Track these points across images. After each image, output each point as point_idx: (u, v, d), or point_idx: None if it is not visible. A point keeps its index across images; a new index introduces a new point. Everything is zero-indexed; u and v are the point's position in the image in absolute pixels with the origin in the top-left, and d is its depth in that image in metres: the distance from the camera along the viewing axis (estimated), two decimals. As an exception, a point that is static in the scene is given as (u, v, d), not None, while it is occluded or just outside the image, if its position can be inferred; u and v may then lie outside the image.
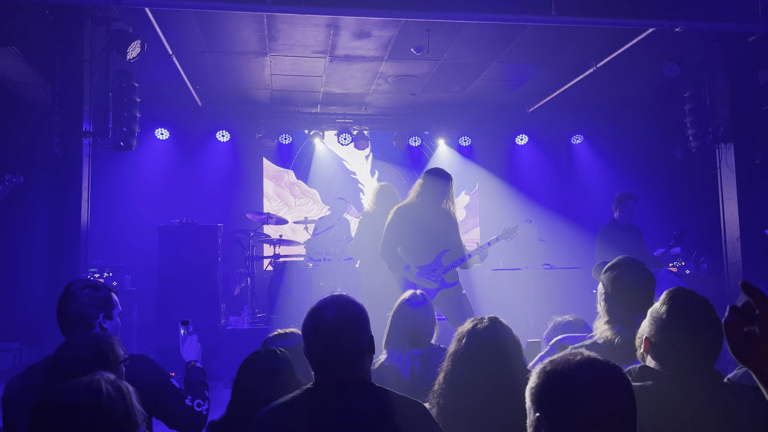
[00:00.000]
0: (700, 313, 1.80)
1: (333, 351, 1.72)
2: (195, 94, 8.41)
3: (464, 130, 10.07)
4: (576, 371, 1.28)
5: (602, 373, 1.28)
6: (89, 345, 2.08)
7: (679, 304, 1.82)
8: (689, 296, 1.86)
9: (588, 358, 1.30)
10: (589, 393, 1.24)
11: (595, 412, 1.23)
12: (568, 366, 1.29)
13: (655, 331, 1.83)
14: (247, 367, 2.16)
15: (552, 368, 1.31)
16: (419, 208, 4.82)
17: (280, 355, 2.16)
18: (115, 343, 2.16)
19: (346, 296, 1.81)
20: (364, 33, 6.63)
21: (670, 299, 1.84)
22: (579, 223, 8.94)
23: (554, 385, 1.29)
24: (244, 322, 7.49)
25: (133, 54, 5.96)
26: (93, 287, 2.67)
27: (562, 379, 1.28)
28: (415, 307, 2.98)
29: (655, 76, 7.24)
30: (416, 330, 2.92)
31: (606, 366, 1.30)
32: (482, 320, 2.20)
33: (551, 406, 1.27)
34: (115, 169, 8.42)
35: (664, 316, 1.81)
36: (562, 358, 1.32)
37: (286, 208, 9.99)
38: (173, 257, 7.05)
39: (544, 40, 6.89)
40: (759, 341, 1.08)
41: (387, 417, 1.66)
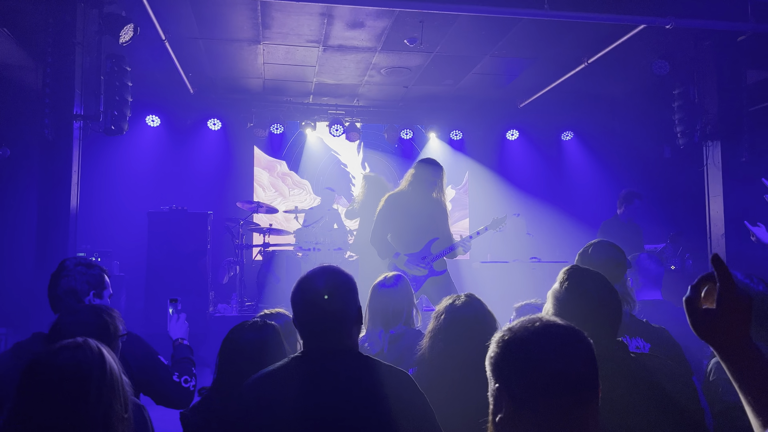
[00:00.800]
0: (596, 286, 1.87)
1: (321, 320, 1.75)
2: (187, 81, 8.38)
3: (456, 124, 10.11)
4: (533, 337, 1.23)
5: (561, 337, 1.23)
6: (93, 313, 2.10)
7: (576, 279, 1.89)
8: (584, 272, 1.93)
9: (546, 324, 1.25)
10: (546, 358, 1.20)
11: (554, 377, 1.18)
12: (526, 332, 1.24)
13: (556, 310, 1.88)
14: (232, 338, 2.16)
15: (510, 336, 1.26)
16: (410, 197, 4.88)
17: (265, 325, 2.17)
18: (117, 316, 2.18)
19: (335, 267, 1.84)
20: (357, 23, 6.64)
21: (567, 276, 1.91)
22: (567, 218, 9.03)
23: (512, 353, 1.23)
24: (232, 310, 7.51)
25: (125, 38, 5.94)
26: (87, 265, 2.69)
27: (519, 346, 1.23)
28: (383, 288, 3.03)
29: (646, 73, 7.31)
30: (386, 310, 2.96)
31: (565, 330, 1.25)
32: (459, 297, 2.27)
33: (510, 374, 1.22)
34: (105, 154, 8.39)
35: (563, 292, 1.88)
36: (520, 325, 1.27)
37: (280, 198, 10.00)
38: (162, 244, 7.04)
39: (536, 35, 6.93)
40: (717, 317, 1.08)
41: (374, 385, 1.69)
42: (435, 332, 2.22)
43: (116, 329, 2.13)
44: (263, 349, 2.08)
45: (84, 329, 1.99)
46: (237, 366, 2.07)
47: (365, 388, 1.69)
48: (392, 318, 2.98)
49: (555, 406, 1.18)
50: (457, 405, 1.98)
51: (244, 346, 2.11)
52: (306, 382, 1.70)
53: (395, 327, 2.91)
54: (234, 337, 2.16)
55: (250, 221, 8.19)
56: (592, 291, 1.85)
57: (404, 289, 3.09)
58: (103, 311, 2.13)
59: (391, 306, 2.99)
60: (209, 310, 7.21)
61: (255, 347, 2.09)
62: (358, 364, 1.76)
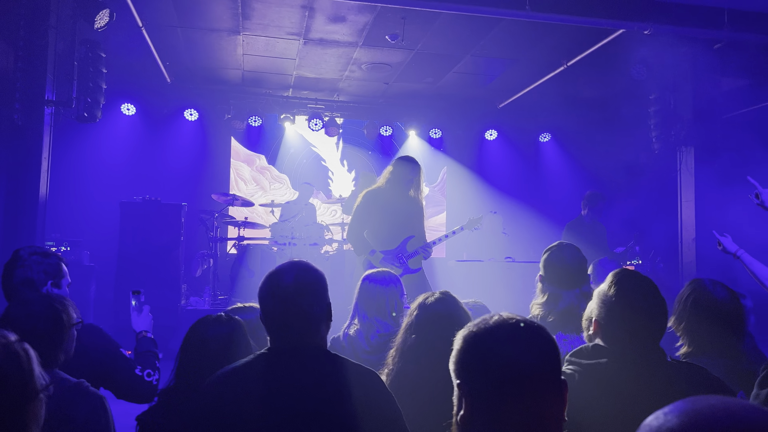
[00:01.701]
0: (646, 294, 1.84)
1: (289, 316, 1.71)
2: (164, 69, 8.24)
3: (435, 123, 10.12)
4: (491, 331, 1.23)
5: (518, 331, 1.22)
6: (44, 304, 2.03)
7: (627, 285, 1.86)
8: (635, 277, 1.90)
9: (504, 319, 1.25)
10: (500, 350, 1.19)
11: (511, 370, 1.17)
12: (484, 327, 1.24)
13: (603, 313, 1.87)
14: (194, 332, 2.10)
15: (469, 331, 1.26)
16: (388, 194, 4.88)
17: (228, 319, 2.12)
18: (69, 305, 2.11)
19: (305, 262, 1.80)
20: (339, 17, 6.60)
21: (617, 281, 1.87)
22: (543, 219, 9.10)
23: (470, 348, 1.23)
24: (204, 303, 7.42)
25: (100, 23, 5.79)
26: (42, 254, 2.60)
27: (479, 341, 1.23)
28: (373, 283, 3.02)
29: (624, 78, 7.38)
30: (381, 305, 2.94)
31: (522, 324, 1.24)
32: (433, 294, 2.26)
33: (468, 369, 1.22)
34: (77, 141, 8.22)
35: (613, 298, 1.85)
36: (480, 321, 1.27)
37: (261, 191, 9.92)
38: (134, 234, 6.92)
39: (517, 36, 6.95)
40: None
41: (341, 384, 1.66)
42: (407, 327, 2.21)
43: (69, 318, 2.06)
44: (228, 344, 2.03)
45: (33, 320, 1.93)
46: (200, 362, 2.01)
47: (332, 386, 1.66)
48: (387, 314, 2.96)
49: (512, 399, 1.17)
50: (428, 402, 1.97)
51: (207, 341, 2.05)
52: (271, 379, 1.66)
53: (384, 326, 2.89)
54: (197, 331, 2.10)
55: (225, 214, 8.09)
56: (640, 297, 1.84)
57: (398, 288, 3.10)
58: (55, 301, 2.06)
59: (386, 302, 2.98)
60: (181, 303, 7.11)
61: (219, 342, 2.03)
62: (325, 361, 1.73)
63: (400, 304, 3.05)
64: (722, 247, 3.36)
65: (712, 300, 2.46)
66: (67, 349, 2.06)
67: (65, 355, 2.05)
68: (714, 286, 2.51)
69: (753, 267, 3.17)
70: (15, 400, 1.22)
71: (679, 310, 2.54)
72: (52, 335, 1.98)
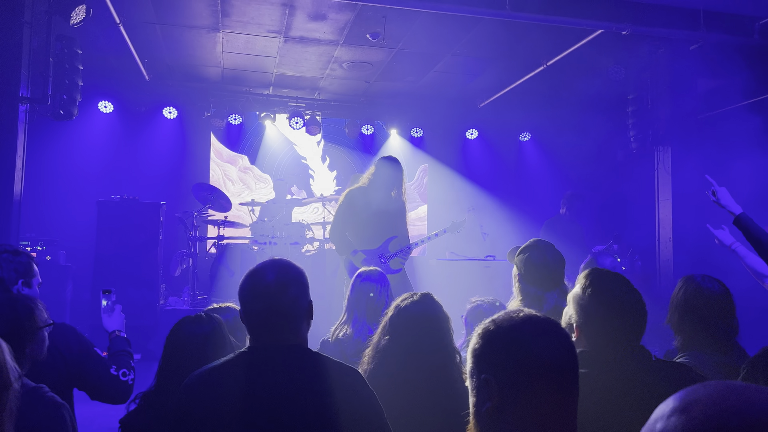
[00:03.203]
0: (622, 290, 1.83)
1: (270, 314, 1.70)
2: (142, 67, 8.13)
3: (416, 122, 10.13)
4: (519, 326, 1.26)
5: (546, 327, 1.28)
6: (8, 306, 1.99)
7: (600, 284, 1.84)
8: (609, 275, 1.88)
9: (530, 315, 1.30)
10: (534, 345, 1.23)
11: (544, 364, 1.22)
12: (513, 323, 1.27)
13: (581, 316, 1.85)
14: (175, 332, 2.09)
15: (496, 327, 1.28)
16: (370, 193, 4.90)
17: (208, 318, 2.11)
18: (38, 306, 2.06)
19: (285, 260, 1.79)
20: (320, 15, 6.57)
21: (591, 282, 1.86)
22: (523, 217, 9.17)
23: (502, 343, 1.26)
24: (183, 303, 7.35)
25: (77, 19, 5.71)
26: (13, 252, 2.55)
27: (509, 336, 1.26)
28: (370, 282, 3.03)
29: (602, 78, 7.46)
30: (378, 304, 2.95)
31: (548, 320, 1.29)
32: (414, 295, 2.26)
33: (497, 363, 1.25)
34: (53, 139, 8.09)
35: (589, 298, 1.83)
36: (504, 316, 1.30)
37: (247, 191, 9.85)
38: (112, 234, 6.83)
39: (497, 36, 6.98)
40: None
41: (322, 382, 1.65)
42: (382, 328, 2.21)
43: (34, 321, 2.01)
44: (207, 343, 2.02)
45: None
46: (182, 362, 2.00)
47: (313, 385, 1.65)
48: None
49: (543, 390, 1.22)
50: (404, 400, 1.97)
51: (187, 341, 2.04)
52: (252, 377, 1.65)
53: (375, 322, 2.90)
54: (177, 332, 2.09)
55: (204, 213, 8.02)
56: (617, 295, 1.82)
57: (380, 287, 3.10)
58: (19, 304, 2.01)
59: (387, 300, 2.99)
60: (160, 303, 7.04)
61: (198, 342, 2.02)
62: (306, 360, 1.72)
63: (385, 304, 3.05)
64: (719, 240, 3.42)
65: (703, 294, 2.51)
66: (35, 351, 2.02)
67: (32, 358, 2.01)
68: (704, 280, 2.57)
69: (748, 260, 3.23)
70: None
71: (673, 307, 2.58)
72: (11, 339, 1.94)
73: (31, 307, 2.03)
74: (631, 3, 5.95)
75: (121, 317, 2.76)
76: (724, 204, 3.24)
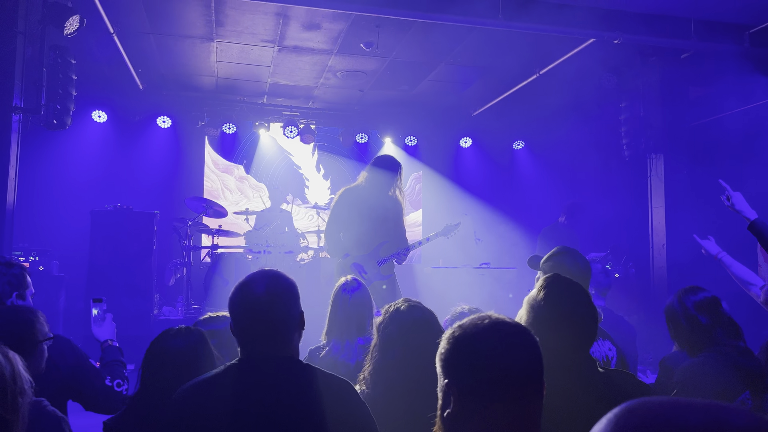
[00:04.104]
0: (576, 300, 1.82)
1: (261, 325, 1.69)
2: (136, 76, 8.14)
3: (410, 130, 10.16)
4: (481, 332, 1.27)
5: (508, 333, 1.27)
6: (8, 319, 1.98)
7: (556, 291, 1.83)
8: (566, 283, 1.87)
9: (495, 321, 1.29)
10: (493, 352, 1.23)
11: (500, 370, 1.22)
12: (476, 329, 1.28)
13: (531, 318, 1.83)
14: (158, 345, 2.06)
15: (460, 332, 1.29)
16: (366, 193, 4.79)
17: (193, 331, 2.09)
18: (38, 320, 2.05)
19: (276, 271, 1.78)
20: (314, 24, 6.59)
21: (546, 286, 1.85)
22: (518, 225, 9.18)
23: (461, 348, 1.27)
24: (177, 313, 7.32)
25: (70, 29, 5.71)
26: (6, 264, 2.54)
27: (471, 342, 1.26)
28: (352, 293, 2.98)
29: (595, 86, 7.51)
30: (359, 317, 2.91)
31: (511, 327, 1.29)
32: (402, 303, 2.23)
33: (458, 368, 1.26)
34: (47, 149, 8.07)
35: (542, 302, 1.82)
36: (470, 321, 1.31)
37: (244, 200, 9.84)
38: (106, 243, 6.80)
39: (490, 45, 7.02)
40: None
41: (314, 394, 1.65)
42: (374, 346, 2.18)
43: (36, 335, 2.00)
44: (190, 356, 2.00)
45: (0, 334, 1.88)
46: (163, 374, 1.98)
47: (305, 397, 1.64)
48: (368, 326, 2.90)
49: (501, 398, 1.21)
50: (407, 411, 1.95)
51: (170, 354, 2.01)
52: (242, 390, 1.64)
53: (365, 335, 2.85)
54: (159, 344, 2.06)
55: (198, 222, 8.00)
56: (570, 304, 1.81)
57: (368, 292, 3.06)
58: (21, 316, 2.00)
59: (363, 312, 2.94)
60: (153, 313, 7.01)
61: (181, 354, 2.00)
62: (297, 372, 1.71)
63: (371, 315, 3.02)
64: (705, 250, 3.43)
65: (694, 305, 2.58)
66: (33, 365, 2.01)
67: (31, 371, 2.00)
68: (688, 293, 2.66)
69: (734, 269, 3.24)
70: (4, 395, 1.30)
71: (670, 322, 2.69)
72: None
73: (32, 320, 2.02)
74: (622, 12, 6.00)
75: (112, 326, 2.75)
76: (739, 209, 3.23)
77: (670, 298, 2.76)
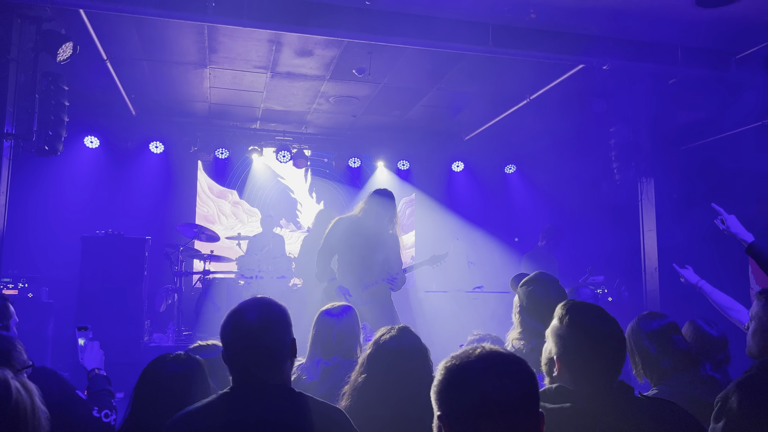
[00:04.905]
0: (599, 319, 1.82)
1: (253, 353, 1.68)
2: (129, 102, 8.17)
3: (403, 154, 10.22)
4: (473, 364, 1.24)
5: (498, 363, 1.25)
6: None
7: (578, 314, 1.83)
8: (584, 305, 1.87)
9: (488, 352, 1.27)
10: (480, 382, 1.21)
11: (486, 400, 1.19)
12: (467, 360, 1.26)
13: (560, 348, 1.82)
14: (153, 370, 2.03)
15: (451, 363, 1.27)
16: (360, 222, 4.93)
17: (186, 358, 2.07)
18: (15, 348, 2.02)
19: (268, 298, 1.78)
20: (306, 51, 6.66)
21: (568, 311, 1.84)
22: (510, 249, 9.20)
23: (451, 379, 1.25)
24: (168, 340, 7.23)
25: (64, 56, 5.74)
26: None
27: (461, 373, 1.24)
28: (327, 316, 3.01)
29: (585, 110, 7.59)
30: (327, 339, 2.92)
31: (503, 356, 1.26)
32: (391, 329, 2.24)
33: (448, 399, 1.24)
34: (38, 175, 8.04)
35: (567, 328, 1.81)
36: (463, 352, 1.29)
37: (240, 224, 9.82)
38: (96, 269, 6.74)
39: (481, 71, 7.11)
40: None
41: (305, 422, 1.63)
42: (360, 365, 2.19)
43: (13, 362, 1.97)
44: (186, 383, 1.97)
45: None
46: (156, 401, 1.95)
47: (297, 425, 1.63)
48: (333, 348, 2.93)
49: (488, 429, 1.18)
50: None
51: (165, 380, 1.99)
52: (234, 418, 1.62)
53: (331, 358, 2.86)
54: (155, 369, 2.04)
55: (190, 247, 7.96)
56: (594, 324, 1.79)
57: (350, 320, 3.04)
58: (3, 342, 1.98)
59: (333, 335, 2.94)
60: (144, 340, 6.93)
61: (177, 381, 1.97)
62: (289, 400, 1.69)
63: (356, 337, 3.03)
64: (684, 279, 3.44)
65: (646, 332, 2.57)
66: None
67: None
68: (640, 320, 2.61)
69: (714, 296, 3.24)
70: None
71: (631, 353, 2.63)
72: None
73: (9, 348, 1.99)
74: (611, 38, 6.09)
75: (99, 354, 2.70)
76: (735, 232, 3.23)
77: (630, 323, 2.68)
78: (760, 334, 2.33)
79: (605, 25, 5.88)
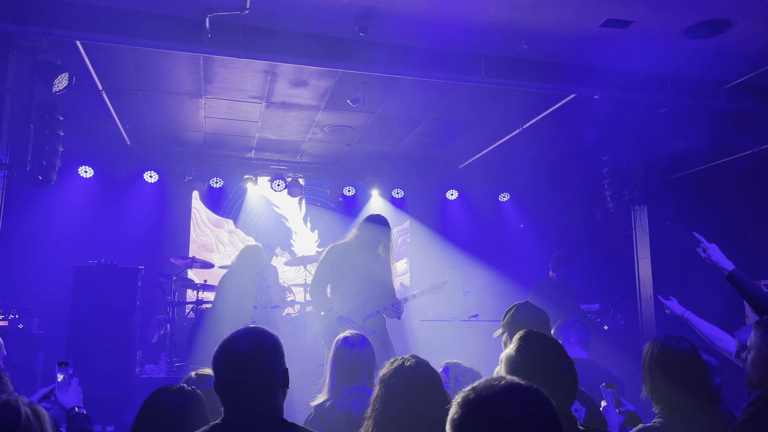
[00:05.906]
0: (552, 355, 1.82)
1: (245, 384, 1.66)
2: (124, 132, 8.19)
3: (397, 183, 10.26)
4: (499, 396, 1.22)
5: (525, 396, 1.23)
6: None
7: (531, 347, 1.83)
8: (541, 339, 1.87)
9: (512, 383, 1.25)
10: (512, 417, 1.19)
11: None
12: (492, 391, 1.23)
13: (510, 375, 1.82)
14: (156, 401, 2.01)
15: (476, 395, 1.24)
16: (354, 250, 4.91)
17: (189, 391, 2.04)
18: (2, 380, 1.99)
19: (261, 328, 1.76)
20: (301, 81, 6.72)
21: (520, 342, 1.84)
22: (504, 277, 9.17)
23: (478, 413, 1.21)
24: (160, 371, 7.12)
25: (59, 87, 5.76)
26: None
27: (489, 407, 1.21)
28: (350, 346, 2.98)
29: (577, 139, 7.67)
30: (360, 369, 2.89)
31: (531, 389, 1.25)
32: (405, 360, 2.20)
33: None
34: (32, 205, 8.02)
35: (518, 359, 1.81)
36: (485, 383, 1.26)
37: (236, 253, 9.75)
38: (88, 300, 6.67)
39: (474, 100, 7.19)
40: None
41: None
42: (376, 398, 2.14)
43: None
44: (187, 416, 1.94)
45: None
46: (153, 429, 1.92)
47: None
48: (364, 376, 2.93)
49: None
50: None
51: (167, 411, 1.96)
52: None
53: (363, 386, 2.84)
54: (158, 400, 2.01)
55: (184, 277, 7.90)
56: (548, 359, 1.80)
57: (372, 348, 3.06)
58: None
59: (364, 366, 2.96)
60: (135, 371, 6.82)
61: (179, 413, 1.95)
62: (281, 430, 1.66)
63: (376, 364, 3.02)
64: (669, 311, 3.44)
65: (669, 354, 2.44)
66: None
67: None
68: (669, 340, 2.51)
69: (700, 327, 3.23)
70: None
71: (644, 372, 2.52)
72: None
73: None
74: (602, 68, 6.18)
75: (78, 391, 2.61)
76: (716, 260, 3.26)
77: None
78: (760, 363, 2.32)
79: (596, 56, 5.98)
